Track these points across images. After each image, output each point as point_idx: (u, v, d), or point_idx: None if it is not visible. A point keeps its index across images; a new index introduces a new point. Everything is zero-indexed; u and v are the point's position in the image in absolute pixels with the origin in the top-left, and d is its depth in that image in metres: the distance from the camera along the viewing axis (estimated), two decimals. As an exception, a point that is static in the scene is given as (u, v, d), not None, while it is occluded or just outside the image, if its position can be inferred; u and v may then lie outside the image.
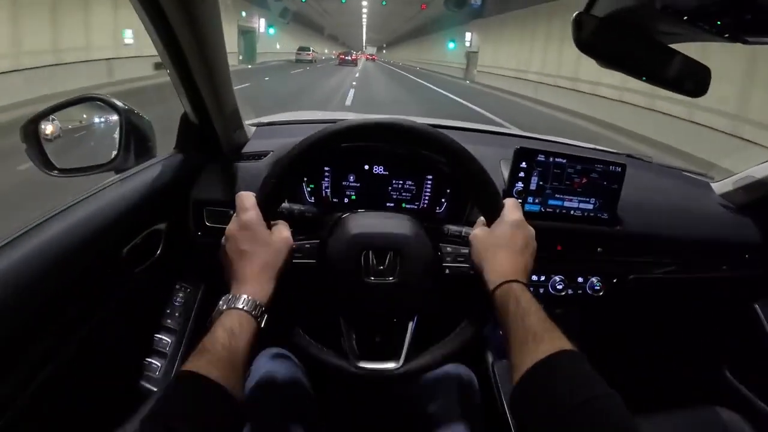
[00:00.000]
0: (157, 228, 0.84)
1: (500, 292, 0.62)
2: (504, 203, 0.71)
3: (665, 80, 0.76)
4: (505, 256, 0.66)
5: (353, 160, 1.00)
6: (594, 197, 0.96)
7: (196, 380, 0.49)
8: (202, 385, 0.49)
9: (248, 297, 0.58)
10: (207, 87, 0.82)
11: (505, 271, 0.64)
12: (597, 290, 1.01)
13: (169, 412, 0.47)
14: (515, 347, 0.56)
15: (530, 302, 0.60)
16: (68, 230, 0.66)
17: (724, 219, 1.10)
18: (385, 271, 0.71)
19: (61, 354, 0.64)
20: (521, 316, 0.58)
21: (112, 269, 0.74)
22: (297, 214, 0.75)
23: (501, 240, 0.67)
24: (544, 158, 0.93)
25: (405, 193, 1.02)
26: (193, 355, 0.52)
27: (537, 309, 0.59)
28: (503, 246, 0.67)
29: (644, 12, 0.62)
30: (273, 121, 1.23)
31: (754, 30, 0.57)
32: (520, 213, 0.70)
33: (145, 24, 0.71)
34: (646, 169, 1.22)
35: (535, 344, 0.54)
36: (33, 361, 0.60)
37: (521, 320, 0.57)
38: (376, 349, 0.74)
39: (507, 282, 0.63)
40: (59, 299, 0.63)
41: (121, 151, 0.88)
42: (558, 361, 0.52)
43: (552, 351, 0.52)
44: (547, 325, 0.57)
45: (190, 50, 0.74)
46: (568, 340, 0.55)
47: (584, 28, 0.69)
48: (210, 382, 0.49)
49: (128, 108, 0.89)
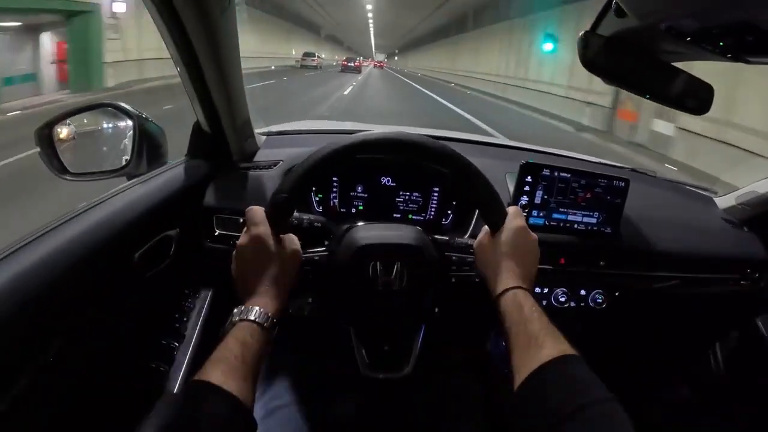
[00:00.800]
0: (168, 234, 0.85)
1: (504, 299, 0.64)
2: (507, 211, 0.72)
3: (669, 98, 0.78)
4: (509, 264, 0.67)
5: (361, 171, 1.01)
6: (598, 211, 0.97)
7: (212, 391, 0.50)
8: (217, 395, 0.50)
9: (260, 309, 0.59)
10: (220, 97, 0.84)
11: (509, 278, 0.66)
12: (599, 303, 1.01)
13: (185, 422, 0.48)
14: (517, 352, 0.57)
15: (533, 308, 0.61)
16: (81, 234, 0.68)
17: (727, 234, 1.11)
18: (393, 281, 0.72)
19: (71, 356, 0.65)
20: (524, 321, 0.59)
21: (124, 274, 0.75)
22: (306, 224, 0.76)
23: (505, 247, 0.69)
24: (549, 173, 0.94)
25: (412, 205, 1.03)
26: (206, 364, 0.53)
27: (540, 315, 0.60)
28: (507, 253, 0.68)
29: (649, 32, 0.64)
30: (283, 131, 1.25)
31: (756, 51, 0.59)
32: (523, 220, 0.71)
33: (161, 32, 0.73)
34: (650, 183, 1.23)
35: (537, 349, 0.55)
36: (43, 363, 0.61)
37: (524, 326, 0.58)
38: (385, 357, 0.75)
39: (511, 288, 0.64)
40: (71, 302, 0.65)
41: (133, 157, 0.90)
42: (559, 366, 0.53)
43: (554, 355, 0.53)
44: (549, 330, 0.58)
45: (206, 61, 0.76)
46: (570, 345, 0.56)
47: (590, 46, 0.71)
48: (224, 392, 0.50)
49: (141, 115, 0.91)
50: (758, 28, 0.49)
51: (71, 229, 0.67)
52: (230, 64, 0.80)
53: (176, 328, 0.95)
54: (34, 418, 0.60)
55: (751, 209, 1.10)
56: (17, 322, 0.56)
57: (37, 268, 0.60)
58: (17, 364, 0.56)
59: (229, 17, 0.74)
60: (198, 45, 0.73)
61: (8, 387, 0.54)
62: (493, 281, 0.67)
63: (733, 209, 1.14)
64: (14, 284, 0.56)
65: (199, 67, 0.77)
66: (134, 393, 0.86)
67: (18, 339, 0.57)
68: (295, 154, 0.99)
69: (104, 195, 0.78)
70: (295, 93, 12.85)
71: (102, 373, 0.76)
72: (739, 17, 0.49)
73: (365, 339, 0.75)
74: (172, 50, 0.75)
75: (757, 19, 0.48)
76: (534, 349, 0.55)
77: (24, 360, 0.57)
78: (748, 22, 0.49)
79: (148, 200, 0.82)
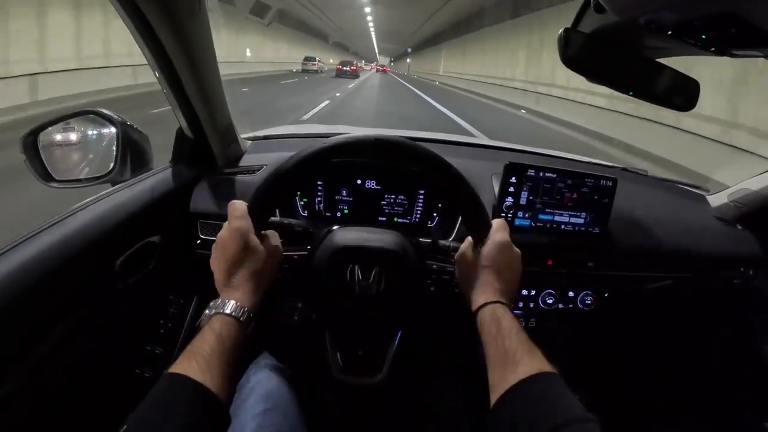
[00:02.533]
0: (151, 240, 0.85)
1: (483, 313, 0.63)
2: (492, 224, 0.71)
3: (654, 95, 0.77)
4: (489, 278, 0.67)
5: (346, 175, 1.01)
6: (585, 211, 0.96)
7: (183, 382, 0.50)
8: (189, 387, 0.49)
9: (236, 303, 0.59)
10: (200, 102, 0.84)
11: (488, 292, 0.65)
12: (588, 305, 1.00)
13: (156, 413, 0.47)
14: (494, 368, 0.57)
15: (511, 324, 0.60)
16: (62, 241, 0.67)
17: (719, 232, 1.09)
18: (371, 285, 0.71)
19: (51, 364, 0.65)
20: (501, 337, 0.58)
21: (105, 280, 0.75)
22: (287, 227, 0.76)
23: (486, 261, 0.68)
24: (534, 173, 0.93)
25: (397, 208, 1.02)
26: (181, 357, 0.53)
27: (518, 331, 0.59)
28: (488, 267, 0.67)
29: (630, 28, 0.62)
30: (269, 135, 1.24)
31: (740, 44, 0.57)
32: (507, 234, 0.70)
33: (135, 39, 0.73)
34: (641, 182, 1.22)
35: (513, 365, 0.54)
36: (25, 370, 0.60)
37: (501, 341, 0.58)
38: (359, 362, 0.74)
39: (490, 303, 0.63)
40: (52, 309, 0.64)
41: (117, 163, 0.89)
42: (535, 384, 0.52)
43: (530, 372, 0.53)
44: (526, 346, 0.57)
45: (181, 67, 0.76)
46: (548, 362, 0.55)
47: (571, 44, 0.70)
48: (197, 384, 0.49)
49: (124, 121, 0.91)
50: (742, 19, 0.48)
51: (51, 235, 0.67)
52: (207, 69, 0.80)
53: (161, 335, 0.94)
54: (16, 421, 0.59)
55: (744, 207, 1.09)
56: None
57: (17, 275, 0.60)
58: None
59: (200, 22, 0.73)
60: (171, 51, 0.72)
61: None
62: (472, 294, 0.66)
63: (725, 207, 1.12)
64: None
65: (176, 73, 0.76)
66: (118, 400, 0.85)
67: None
68: (280, 158, 0.98)
69: (84, 201, 0.78)
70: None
71: (85, 380, 0.75)
72: (721, 8, 0.48)
73: (340, 342, 0.74)
74: (148, 56, 0.75)
75: (741, 10, 0.47)
76: (511, 365, 0.55)
77: (3, 367, 0.57)
78: (730, 14, 0.48)
79: (130, 206, 0.82)
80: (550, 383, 0.52)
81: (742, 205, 1.09)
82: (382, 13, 37.68)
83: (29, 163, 0.86)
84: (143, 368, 0.90)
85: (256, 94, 11.62)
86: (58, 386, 0.68)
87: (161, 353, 0.93)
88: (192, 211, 0.93)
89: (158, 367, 0.91)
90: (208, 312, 0.59)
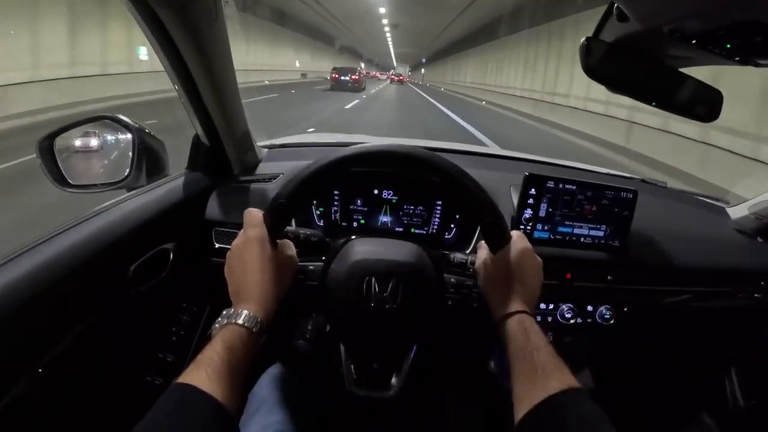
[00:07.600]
0: (166, 247, 0.84)
1: (510, 323, 0.62)
2: (511, 235, 0.70)
3: (676, 105, 0.75)
4: (516, 285, 0.65)
5: (362, 184, 1.00)
6: (605, 224, 0.94)
7: (192, 393, 0.49)
8: (198, 398, 0.48)
9: (249, 313, 0.58)
10: (216, 110, 0.83)
11: (515, 301, 0.64)
12: (607, 319, 0.98)
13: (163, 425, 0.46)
14: (522, 381, 0.56)
15: (540, 336, 0.59)
16: (76, 246, 0.67)
17: (740, 245, 1.07)
18: (387, 299, 0.70)
19: (62, 369, 0.64)
20: (531, 350, 0.57)
21: (118, 286, 0.74)
22: (303, 238, 0.75)
23: (510, 269, 0.66)
24: (553, 185, 0.92)
25: (414, 218, 1.01)
26: (191, 366, 0.52)
27: (546, 344, 0.58)
28: (513, 274, 0.66)
29: (653, 37, 0.61)
30: (285, 143, 1.24)
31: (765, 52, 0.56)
32: (528, 243, 0.69)
33: (154, 47, 0.73)
34: (660, 194, 1.20)
35: (543, 380, 0.53)
36: (36, 373, 0.60)
37: (531, 353, 0.57)
38: (373, 375, 0.72)
39: (516, 313, 0.62)
40: (64, 313, 0.64)
41: (133, 169, 0.89)
42: (566, 400, 0.51)
43: (561, 388, 0.51)
44: (556, 361, 0.56)
45: (199, 75, 0.75)
46: (575, 378, 0.53)
47: (592, 53, 0.69)
48: (204, 395, 0.48)
49: (140, 127, 0.91)
50: (765, 27, 0.47)
51: (66, 240, 0.67)
52: (224, 77, 0.80)
53: (173, 342, 0.94)
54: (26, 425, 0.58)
55: (765, 219, 1.06)
56: (6, 334, 0.55)
57: (31, 279, 0.59)
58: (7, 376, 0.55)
59: (218, 30, 0.73)
60: (188, 59, 0.72)
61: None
62: (497, 302, 0.65)
63: (745, 219, 1.10)
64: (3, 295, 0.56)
65: (193, 81, 0.76)
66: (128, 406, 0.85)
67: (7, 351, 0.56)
68: (297, 167, 0.98)
69: (99, 207, 0.78)
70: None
71: (96, 386, 0.74)
72: (746, 17, 0.47)
73: (354, 355, 0.72)
74: (165, 64, 0.75)
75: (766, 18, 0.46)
76: (541, 379, 0.53)
77: (14, 372, 0.56)
78: (756, 22, 0.47)
79: (144, 213, 0.81)
80: (583, 401, 0.51)
81: (762, 217, 1.07)
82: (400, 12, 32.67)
83: (45, 167, 0.86)
84: (154, 375, 0.89)
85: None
86: (69, 391, 0.68)
87: (172, 361, 0.92)
88: (207, 219, 0.93)
89: (169, 374, 0.90)
90: (221, 321, 0.58)
